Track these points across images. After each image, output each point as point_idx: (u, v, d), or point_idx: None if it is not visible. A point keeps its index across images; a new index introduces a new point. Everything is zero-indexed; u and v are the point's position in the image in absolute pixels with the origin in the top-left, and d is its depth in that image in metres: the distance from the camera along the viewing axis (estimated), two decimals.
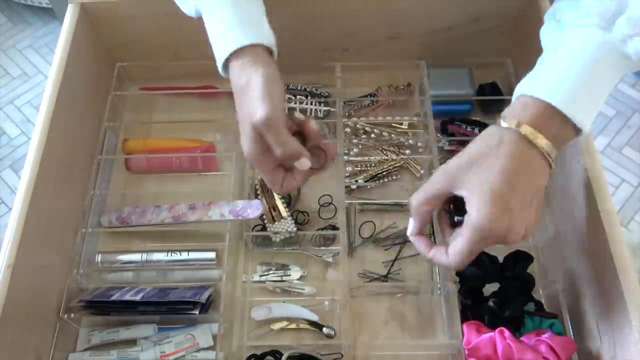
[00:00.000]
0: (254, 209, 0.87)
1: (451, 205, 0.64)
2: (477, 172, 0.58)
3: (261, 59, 0.66)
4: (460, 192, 0.59)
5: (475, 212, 0.56)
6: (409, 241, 0.88)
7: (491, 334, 0.73)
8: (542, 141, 0.57)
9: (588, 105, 0.58)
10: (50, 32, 2.52)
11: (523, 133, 0.57)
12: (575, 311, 0.80)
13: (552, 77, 0.59)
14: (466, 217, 0.58)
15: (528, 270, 0.82)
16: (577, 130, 0.59)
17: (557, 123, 0.58)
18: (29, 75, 2.40)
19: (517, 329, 0.77)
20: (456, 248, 0.59)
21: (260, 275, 0.88)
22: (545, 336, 0.73)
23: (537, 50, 0.90)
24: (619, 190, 2.03)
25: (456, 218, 0.63)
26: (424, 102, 0.98)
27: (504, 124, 0.58)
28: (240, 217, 0.87)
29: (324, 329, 0.83)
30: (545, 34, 0.68)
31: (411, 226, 0.66)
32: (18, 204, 0.75)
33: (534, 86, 0.59)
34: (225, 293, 0.82)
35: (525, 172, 0.57)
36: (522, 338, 0.75)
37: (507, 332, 0.72)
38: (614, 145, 2.13)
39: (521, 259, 0.81)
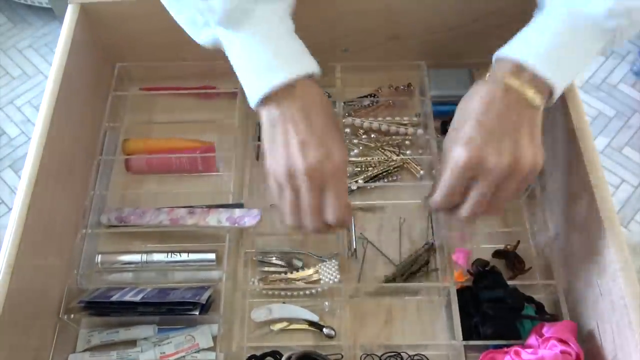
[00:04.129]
0: (251, 217, 0.87)
1: None
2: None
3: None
4: None
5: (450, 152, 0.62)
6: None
7: (507, 358, 0.72)
8: (512, 81, 0.61)
9: (558, 66, 0.62)
10: (50, 32, 2.53)
11: (489, 77, 0.63)
12: (575, 311, 0.80)
13: (520, 40, 0.64)
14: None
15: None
16: (549, 89, 0.62)
17: (526, 75, 0.61)
18: (29, 75, 2.40)
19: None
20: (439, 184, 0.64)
21: (261, 261, 0.89)
22: (545, 331, 0.73)
23: None
24: (619, 190, 2.03)
25: None
26: (424, 102, 0.98)
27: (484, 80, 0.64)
28: (237, 225, 0.87)
29: (324, 330, 0.83)
30: None
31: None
32: (18, 204, 0.75)
33: (503, 49, 0.64)
34: (225, 294, 0.82)
35: (493, 109, 0.61)
36: (527, 342, 0.75)
37: (521, 350, 0.72)
38: (614, 145, 2.13)
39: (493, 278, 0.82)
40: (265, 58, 0.64)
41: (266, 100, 0.63)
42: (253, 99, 0.64)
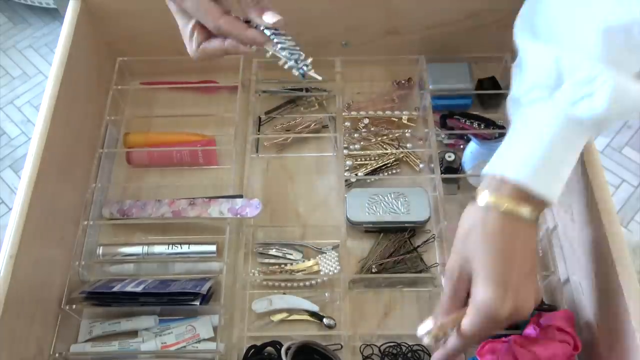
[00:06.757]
0: (252, 208, 0.87)
1: None
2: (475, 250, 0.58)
3: None
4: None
5: (482, 293, 0.56)
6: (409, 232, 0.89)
7: (507, 346, 0.72)
8: (524, 210, 0.57)
9: (552, 179, 0.58)
10: (50, 32, 2.53)
11: (504, 209, 0.57)
12: (573, 302, 0.80)
13: (517, 156, 0.59)
14: (471, 299, 0.57)
15: None
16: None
17: (527, 196, 0.58)
18: (29, 75, 2.40)
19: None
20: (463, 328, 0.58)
21: (261, 253, 0.89)
22: (543, 321, 0.74)
23: None
24: (619, 190, 2.02)
25: None
26: (424, 96, 0.99)
27: (481, 204, 0.59)
28: (238, 216, 0.87)
29: (325, 320, 0.84)
30: (509, 107, 0.66)
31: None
32: (20, 196, 0.75)
33: (504, 166, 0.59)
34: (225, 285, 0.82)
35: (516, 245, 0.57)
36: (525, 332, 0.76)
37: (519, 339, 0.73)
38: (614, 145, 2.12)
39: None
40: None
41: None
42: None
